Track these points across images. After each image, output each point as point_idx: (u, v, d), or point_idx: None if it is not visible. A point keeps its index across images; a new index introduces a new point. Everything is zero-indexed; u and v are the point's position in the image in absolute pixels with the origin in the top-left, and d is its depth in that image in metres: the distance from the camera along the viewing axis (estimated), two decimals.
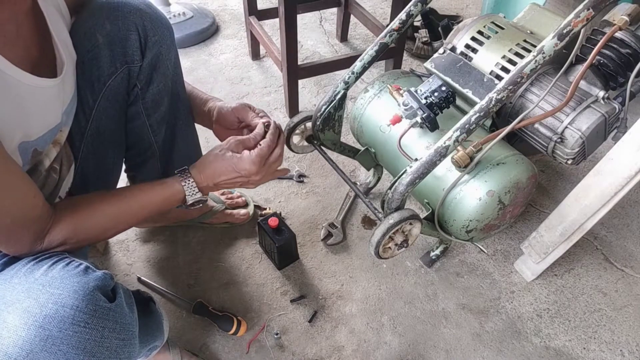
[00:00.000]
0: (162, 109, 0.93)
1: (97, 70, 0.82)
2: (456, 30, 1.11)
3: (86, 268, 0.62)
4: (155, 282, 1.15)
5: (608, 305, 1.16)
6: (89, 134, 0.87)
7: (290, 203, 1.37)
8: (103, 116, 0.87)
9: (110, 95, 0.85)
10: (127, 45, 0.82)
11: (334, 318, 1.11)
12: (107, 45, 0.81)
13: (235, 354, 1.04)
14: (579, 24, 0.77)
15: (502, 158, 0.95)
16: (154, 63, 0.86)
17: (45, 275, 0.60)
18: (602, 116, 0.93)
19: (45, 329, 0.55)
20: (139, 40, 0.83)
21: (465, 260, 1.24)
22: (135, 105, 0.90)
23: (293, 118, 1.16)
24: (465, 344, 1.08)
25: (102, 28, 0.79)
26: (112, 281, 0.64)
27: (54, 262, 0.63)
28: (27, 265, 0.63)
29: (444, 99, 0.99)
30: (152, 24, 0.83)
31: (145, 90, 0.89)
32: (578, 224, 1.03)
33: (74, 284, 0.58)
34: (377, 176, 1.37)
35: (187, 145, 1.05)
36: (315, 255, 1.24)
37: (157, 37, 0.84)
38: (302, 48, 2.01)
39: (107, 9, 0.80)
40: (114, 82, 0.84)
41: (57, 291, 0.57)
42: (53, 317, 0.55)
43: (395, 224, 0.87)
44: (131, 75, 0.86)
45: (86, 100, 0.84)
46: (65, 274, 0.60)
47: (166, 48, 0.87)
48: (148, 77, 0.87)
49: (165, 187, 0.81)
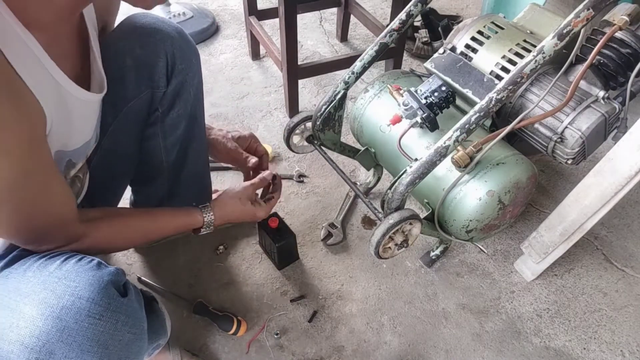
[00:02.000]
0: (178, 133, 0.95)
1: (122, 90, 0.84)
2: (456, 30, 1.11)
3: (99, 263, 0.63)
4: (155, 282, 1.15)
5: (608, 305, 1.16)
6: (102, 148, 0.88)
7: (290, 203, 1.37)
8: (120, 134, 0.89)
9: (130, 115, 0.88)
10: (154, 71, 0.84)
11: (334, 318, 1.11)
12: (135, 69, 0.82)
13: (235, 354, 1.04)
14: (579, 24, 0.77)
15: (502, 158, 0.95)
16: (177, 90, 0.88)
17: (59, 269, 0.61)
18: (602, 116, 0.93)
19: (62, 319, 0.56)
20: (167, 67, 0.85)
21: (465, 260, 1.24)
22: (154, 127, 0.92)
23: (293, 118, 1.16)
24: (465, 344, 1.07)
25: (133, 51, 0.81)
26: (123, 277, 0.65)
27: (67, 257, 0.64)
28: (40, 261, 0.64)
29: (444, 99, 0.99)
30: (181, 52, 0.85)
31: (166, 115, 0.91)
32: (578, 224, 1.03)
33: (89, 277, 0.59)
34: (377, 176, 1.37)
35: (197, 166, 1.05)
36: (315, 255, 1.24)
37: (184, 65, 0.87)
38: (302, 48, 2.01)
39: (140, 33, 0.82)
40: (136, 103, 0.86)
41: (73, 283, 0.58)
42: (70, 308, 0.56)
43: (395, 224, 0.87)
44: (154, 99, 0.88)
45: (105, 116, 0.85)
46: (79, 268, 0.61)
47: (192, 75, 0.89)
48: (170, 103, 0.89)
49: (188, 216, 0.88)
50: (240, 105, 1.71)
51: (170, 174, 1.02)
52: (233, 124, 1.62)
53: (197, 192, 1.10)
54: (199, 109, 0.98)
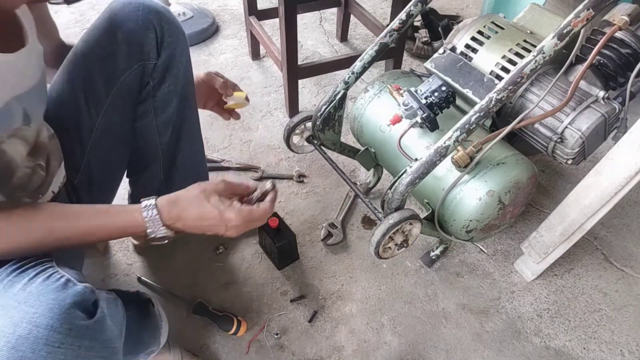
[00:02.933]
0: (170, 110, 0.94)
1: (113, 65, 0.84)
2: (456, 30, 1.11)
3: (66, 282, 0.60)
4: (155, 282, 1.15)
5: (608, 305, 1.16)
6: (98, 129, 0.88)
7: (290, 203, 1.37)
8: (114, 112, 0.89)
9: (123, 91, 0.88)
10: (144, 43, 0.85)
11: (334, 318, 1.11)
12: (126, 42, 0.83)
13: (235, 354, 1.04)
14: (579, 24, 0.77)
15: (502, 158, 0.95)
16: (167, 63, 0.89)
17: (23, 290, 0.58)
18: (602, 116, 0.93)
19: (18, 350, 0.53)
20: (156, 39, 0.86)
21: (465, 260, 1.24)
22: (145, 103, 0.92)
23: (293, 118, 1.16)
24: (465, 344, 1.07)
25: (123, 25, 0.83)
26: (92, 295, 0.62)
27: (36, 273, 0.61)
28: (9, 277, 0.61)
29: (444, 99, 0.99)
30: (168, 26, 0.86)
31: (157, 89, 0.91)
32: (578, 224, 1.03)
33: (49, 302, 0.56)
34: (377, 176, 1.37)
35: (192, 151, 1.05)
36: (315, 255, 1.24)
37: (172, 38, 0.87)
38: (302, 48, 2.01)
39: (129, 9, 0.83)
40: (128, 78, 0.87)
41: (32, 309, 0.56)
42: (26, 337, 0.54)
43: (395, 224, 0.87)
44: (145, 72, 0.88)
45: (99, 95, 0.86)
46: (43, 289, 0.58)
47: (180, 51, 0.90)
48: (161, 75, 0.90)
49: (123, 214, 0.71)
50: None
51: (165, 159, 1.01)
52: (233, 124, 1.62)
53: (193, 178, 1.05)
54: (190, 90, 0.97)
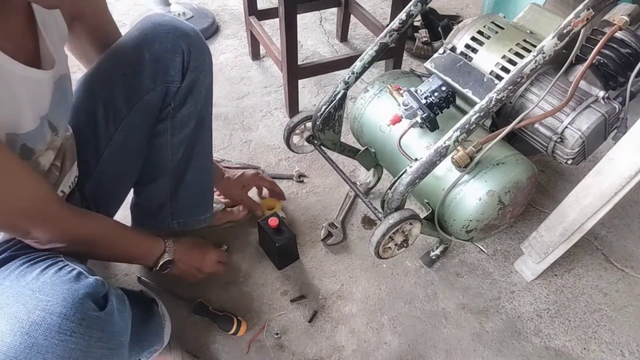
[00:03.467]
0: (186, 131, 0.96)
1: (138, 83, 0.86)
2: (456, 30, 1.11)
3: (78, 274, 0.62)
4: (155, 282, 1.15)
5: (608, 305, 1.16)
6: (114, 141, 0.90)
7: (290, 203, 1.37)
8: (132, 128, 0.90)
9: (144, 110, 0.89)
10: (171, 65, 0.86)
11: (334, 318, 1.11)
12: (152, 63, 0.85)
13: (235, 354, 1.04)
14: (579, 24, 0.77)
15: (502, 158, 0.95)
16: (190, 87, 0.90)
17: (36, 279, 0.60)
18: (602, 116, 0.93)
19: (31, 336, 0.55)
20: (182, 63, 0.87)
21: (465, 260, 1.24)
22: (164, 123, 0.93)
23: (293, 118, 1.16)
24: (465, 344, 1.07)
25: (151, 46, 0.84)
26: (103, 288, 0.63)
27: (48, 265, 0.63)
28: (20, 268, 0.63)
29: (444, 99, 0.99)
30: (196, 50, 0.87)
31: (177, 111, 0.92)
32: (578, 224, 1.03)
33: (63, 291, 0.58)
34: (377, 176, 1.37)
35: (202, 169, 1.06)
36: (315, 255, 1.24)
37: (198, 63, 0.89)
38: (302, 48, 2.01)
39: (159, 30, 0.84)
40: (150, 97, 0.88)
41: (46, 297, 0.57)
42: (40, 324, 0.55)
43: (395, 224, 0.87)
44: (168, 94, 0.89)
45: (119, 110, 0.87)
46: (56, 279, 0.60)
47: (204, 75, 0.91)
48: (183, 99, 0.91)
49: (151, 241, 0.93)
50: (240, 105, 1.71)
51: (174, 175, 1.02)
52: (233, 124, 1.62)
53: (199, 196, 1.09)
54: (207, 111, 0.99)
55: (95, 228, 0.79)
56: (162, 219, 1.07)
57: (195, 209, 1.09)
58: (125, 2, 2.27)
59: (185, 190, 1.04)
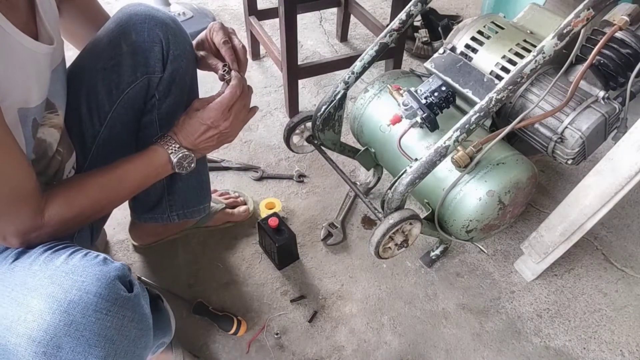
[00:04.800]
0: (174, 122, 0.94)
1: (118, 77, 0.85)
2: (456, 30, 1.11)
3: (105, 259, 0.64)
4: (155, 282, 1.15)
5: (608, 305, 1.16)
6: (101, 138, 0.89)
7: (290, 203, 1.37)
8: (117, 122, 0.89)
9: (128, 103, 0.88)
10: (150, 56, 0.84)
11: (334, 318, 1.11)
12: (131, 55, 0.83)
13: (235, 354, 1.04)
14: (579, 24, 0.77)
15: (502, 158, 0.95)
16: (173, 76, 0.88)
17: (66, 263, 0.62)
18: (602, 116, 0.93)
19: (70, 314, 0.56)
20: (162, 52, 0.85)
21: (465, 260, 1.24)
22: (150, 115, 0.92)
23: (293, 118, 1.16)
24: (465, 344, 1.07)
25: (128, 37, 0.82)
26: (129, 273, 0.65)
27: (72, 252, 0.64)
28: (45, 254, 0.64)
29: (444, 99, 0.99)
30: (175, 39, 0.86)
31: (163, 101, 0.91)
32: (578, 224, 1.03)
33: (96, 272, 0.60)
34: (377, 176, 1.37)
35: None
36: (315, 255, 1.24)
37: (179, 51, 0.87)
38: (302, 48, 2.01)
39: (135, 20, 0.83)
40: (133, 90, 0.87)
41: (81, 278, 0.59)
42: (77, 303, 0.57)
43: (395, 224, 0.87)
44: (150, 85, 0.88)
45: (102, 105, 0.86)
46: (86, 262, 0.61)
47: (186, 63, 0.89)
48: (167, 89, 0.89)
49: (149, 153, 0.83)
50: None
51: None
52: None
53: (196, 185, 1.09)
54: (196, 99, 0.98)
55: (85, 191, 0.75)
56: (161, 211, 1.08)
57: (193, 199, 1.10)
58: (125, 2, 2.27)
59: (181, 182, 1.04)
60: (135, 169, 0.82)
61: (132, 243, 1.23)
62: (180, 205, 1.08)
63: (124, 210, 1.12)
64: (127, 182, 0.81)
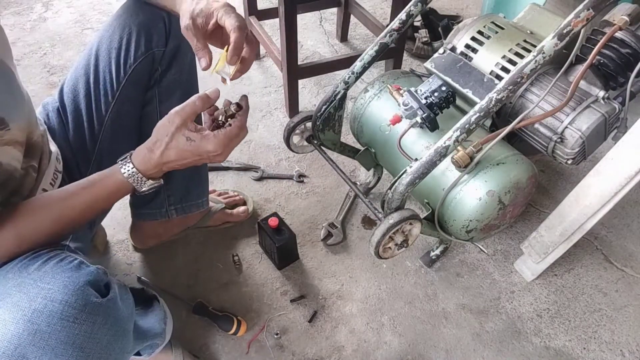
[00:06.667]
0: (172, 100, 0.98)
1: (126, 54, 0.90)
2: (456, 30, 1.11)
3: (80, 263, 0.63)
4: (155, 282, 1.15)
5: (608, 305, 1.16)
6: (109, 117, 0.92)
7: (290, 203, 1.37)
8: (125, 99, 0.93)
9: (135, 79, 0.92)
10: (154, 32, 0.90)
11: (334, 318, 1.11)
12: (138, 33, 0.89)
13: (235, 354, 1.04)
14: (579, 24, 0.77)
15: (502, 158, 0.95)
16: (174, 52, 0.94)
17: (38, 270, 0.61)
18: (602, 116, 0.93)
19: (34, 323, 0.55)
20: (165, 28, 0.91)
21: (465, 260, 1.24)
22: (152, 89, 0.96)
23: (293, 118, 1.16)
24: (465, 344, 1.07)
25: (136, 18, 0.89)
26: (105, 276, 0.64)
27: (50, 257, 0.63)
28: (24, 260, 0.63)
29: (444, 99, 0.99)
30: (175, 20, 0.90)
31: (164, 75, 0.95)
32: (578, 224, 1.03)
33: (64, 279, 0.59)
34: (377, 176, 1.37)
35: None
36: (315, 255, 1.24)
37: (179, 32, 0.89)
38: (302, 48, 2.01)
39: (140, 4, 0.89)
40: (140, 65, 0.91)
41: (47, 286, 0.58)
42: (41, 311, 0.56)
43: (395, 224, 0.87)
44: (155, 59, 0.93)
45: (111, 84, 0.90)
46: (57, 269, 0.61)
47: (185, 45, 0.93)
48: (168, 63, 0.94)
49: (108, 181, 0.73)
50: None
51: None
52: None
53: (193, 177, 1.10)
54: (193, 87, 1.01)
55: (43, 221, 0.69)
56: (159, 204, 1.09)
57: (190, 192, 1.11)
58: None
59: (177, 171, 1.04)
60: (93, 198, 0.73)
61: (132, 243, 1.23)
62: (178, 198, 1.10)
63: (124, 210, 1.12)
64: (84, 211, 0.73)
